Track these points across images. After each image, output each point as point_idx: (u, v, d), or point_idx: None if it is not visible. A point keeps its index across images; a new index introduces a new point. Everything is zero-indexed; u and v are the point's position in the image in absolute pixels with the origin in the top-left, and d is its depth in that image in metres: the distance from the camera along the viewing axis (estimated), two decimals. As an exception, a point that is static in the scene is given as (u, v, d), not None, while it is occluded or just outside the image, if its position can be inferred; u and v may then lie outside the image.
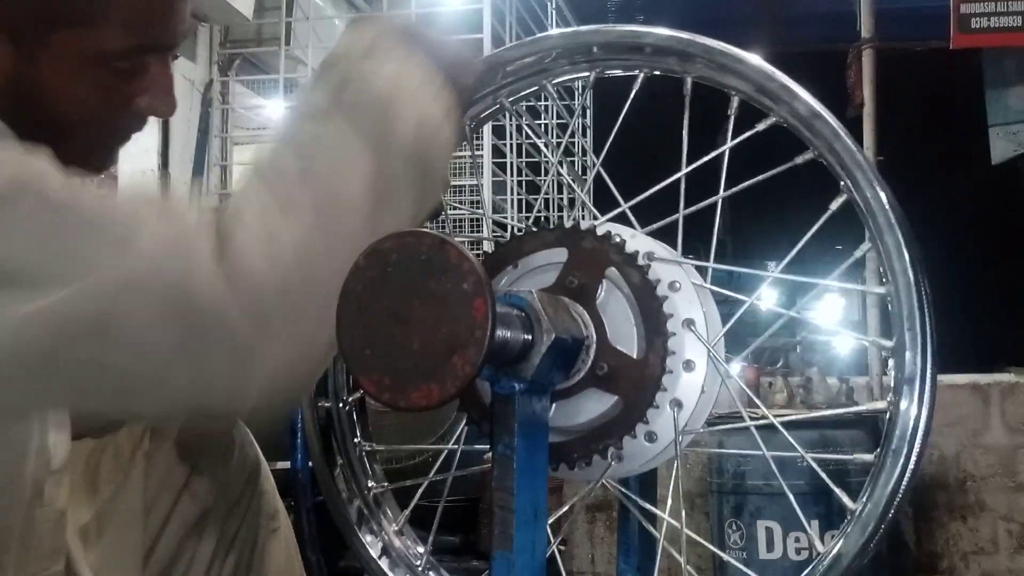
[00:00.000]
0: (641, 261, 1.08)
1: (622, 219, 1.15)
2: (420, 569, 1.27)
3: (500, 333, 0.87)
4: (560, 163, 4.65)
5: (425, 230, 0.86)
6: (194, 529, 1.31)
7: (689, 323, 1.08)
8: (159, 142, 3.87)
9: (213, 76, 4.16)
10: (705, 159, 1.15)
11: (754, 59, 1.10)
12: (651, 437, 1.08)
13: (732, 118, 1.12)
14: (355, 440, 1.32)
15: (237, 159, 4.31)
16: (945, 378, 3.89)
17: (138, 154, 3.88)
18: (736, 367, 1.24)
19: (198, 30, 4.04)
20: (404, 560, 1.28)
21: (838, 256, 1.14)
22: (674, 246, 1.14)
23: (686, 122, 1.13)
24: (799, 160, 1.08)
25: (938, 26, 4.34)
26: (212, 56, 4.18)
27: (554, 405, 1.04)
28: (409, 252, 0.84)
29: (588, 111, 5.22)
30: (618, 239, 1.09)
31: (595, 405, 1.07)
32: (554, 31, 1.17)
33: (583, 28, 1.21)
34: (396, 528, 1.29)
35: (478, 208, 4.25)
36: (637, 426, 1.07)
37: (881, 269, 1.04)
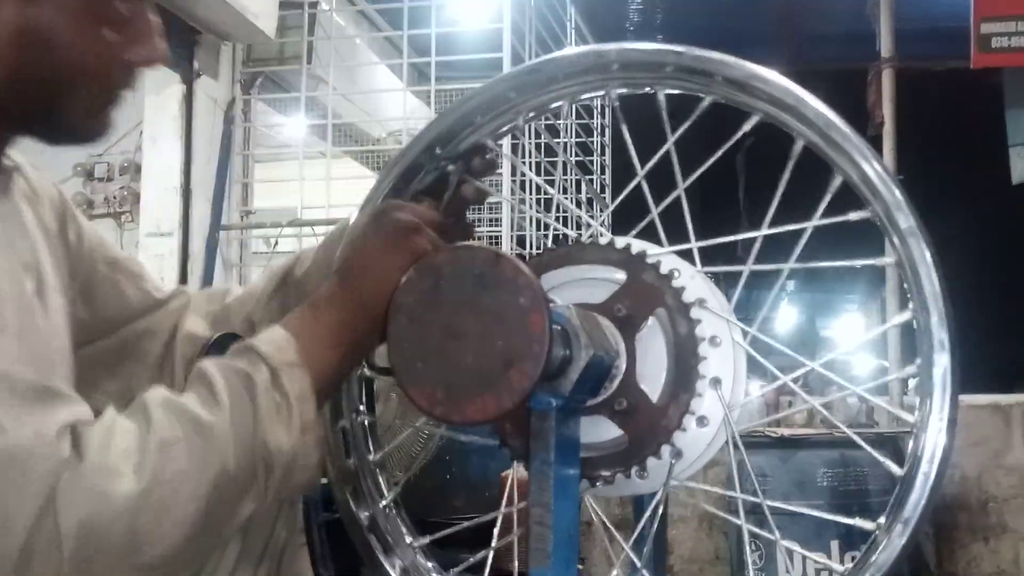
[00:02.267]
0: (694, 313, 1.07)
1: (649, 232, 1.13)
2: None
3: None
4: (580, 182, 4.66)
5: (478, 244, 0.86)
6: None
7: (716, 383, 1.06)
8: (182, 160, 3.89)
9: (235, 94, 4.18)
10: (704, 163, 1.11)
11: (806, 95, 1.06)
12: (642, 475, 1.07)
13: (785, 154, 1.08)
14: (370, 457, 1.29)
15: (259, 176, 4.32)
16: (966, 398, 3.86)
17: (162, 171, 3.91)
18: (755, 386, 1.23)
19: (221, 49, 4.05)
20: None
21: (858, 275, 1.13)
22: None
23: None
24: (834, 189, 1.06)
25: (958, 45, 4.33)
26: (234, 75, 4.20)
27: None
28: (462, 265, 0.86)
29: (607, 129, 5.20)
30: (677, 278, 1.07)
31: (600, 434, 1.07)
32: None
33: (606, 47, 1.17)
34: (417, 545, 1.26)
35: (496, 225, 4.26)
36: (633, 467, 1.06)
37: (905, 286, 1.03)
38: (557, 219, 4.93)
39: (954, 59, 4.58)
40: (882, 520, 1.01)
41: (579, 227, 5.23)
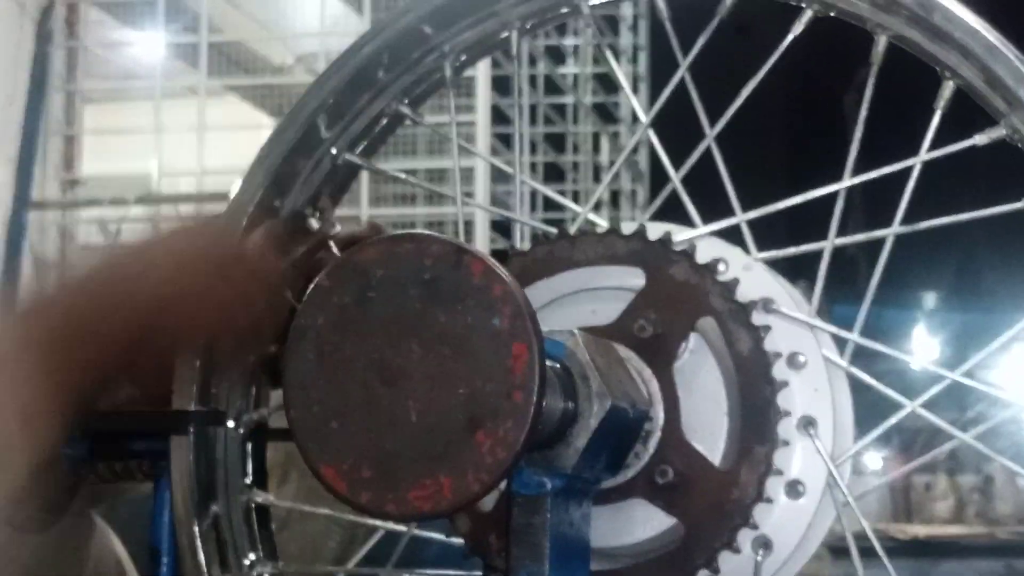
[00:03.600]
0: (757, 318, 1.05)
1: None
2: None
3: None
4: (598, 135, 4.64)
5: (429, 232, 0.83)
6: None
7: (809, 424, 1.05)
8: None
9: (55, -6, 4.13)
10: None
11: None
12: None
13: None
14: (250, 560, 1.27)
15: (91, 125, 4.27)
16: None
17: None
18: (876, 459, 1.21)
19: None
20: None
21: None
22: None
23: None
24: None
25: None
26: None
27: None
28: (404, 267, 0.84)
29: (640, 54, 5.19)
30: (724, 268, 1.06)
31: (639, 526, 1.05)
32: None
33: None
34: None
35: (470, 199, 4.24)
36: (697, 572, 1.04)
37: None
38: (562, 194, 4.89)
39: None
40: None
41: (598, 207, 5.18)
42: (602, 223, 1.15)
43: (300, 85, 4.30)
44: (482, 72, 4.59)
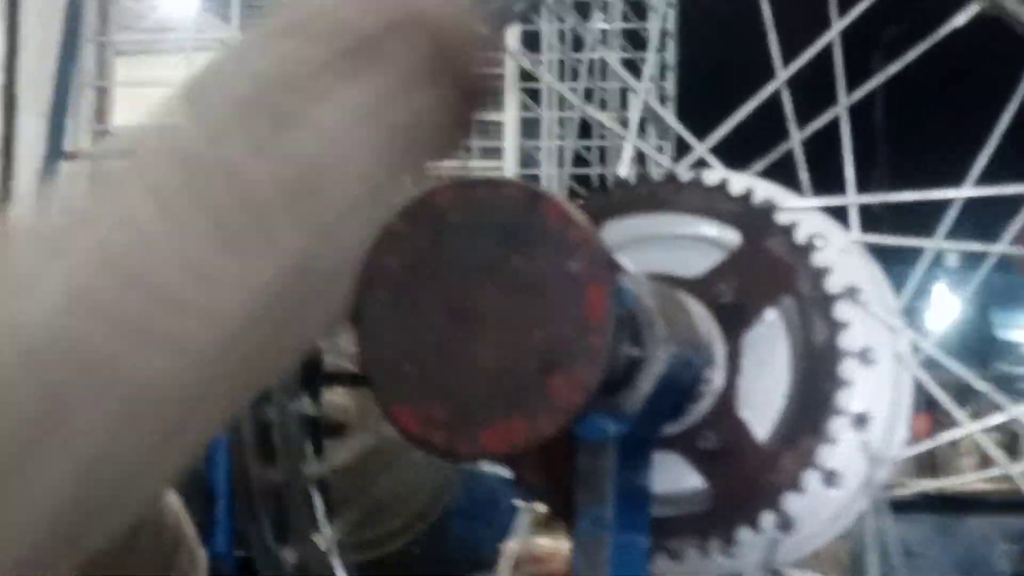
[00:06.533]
0: (840, 313, 1.04)
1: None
2: None
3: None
4: (626, 92, 4.61)
5: (505, 177, 0.83)
6: None
7: (860, 422, 1.05)
8: (4, 48, 3.84)
9: (87, -54, 4.13)
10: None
11: None
12: (727, 551, 1.06)
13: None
14: (316, 518, 1.31)
15: (123, 76, 4.27)
16: None
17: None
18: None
19: None
20: None
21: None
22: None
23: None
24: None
25: None
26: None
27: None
28: (479, 211, 0.83)
29: (671, 10, 5.17)
30: (820, 250, 1.06)
31: (669, 481, 1.06)
32: None
33: None
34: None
35: (496, 158, 4.24)
36: (714, 538, 1.05)
37: None
38: (587, 150, 4.89)
39: None
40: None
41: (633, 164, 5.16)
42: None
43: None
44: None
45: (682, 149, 1.34)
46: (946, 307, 11.93)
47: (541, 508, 1.11)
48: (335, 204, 0.80)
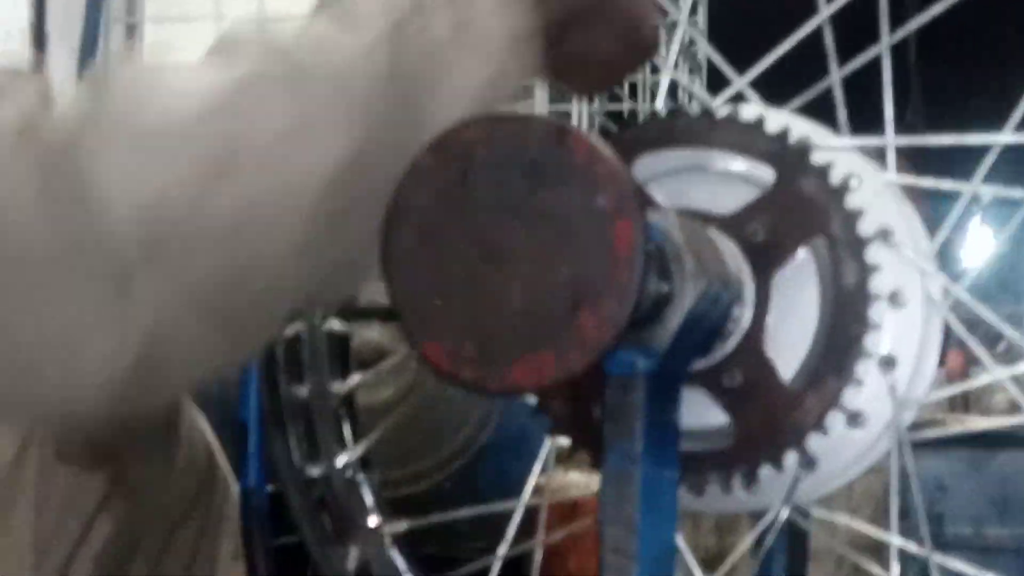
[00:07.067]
0: (871, 255, 1.03)
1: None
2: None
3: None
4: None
5: (530, 113, 0.83)
6: (115, 562, 1.34)
7: (888, 364, 1.04)
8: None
9: None
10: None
11: None
12: (749, 487, 1.06)
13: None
14: (342, 449, 1.32)
15: (152, 12, 4.25)
16: None
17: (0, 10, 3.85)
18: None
19: None
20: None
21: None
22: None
23: None
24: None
25: None
26: None
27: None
28: (506, 146, 0.83)
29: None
30: (854, 192, 1.04)
31: (692, 416, 1.05)
32: None
33: None
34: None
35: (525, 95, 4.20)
36: (736, 475, 1.05)
37: None
38: (619, 85, 4.86)
39: None
40: None
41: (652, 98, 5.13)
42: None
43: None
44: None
45: (712, 85, 1.33)
46: (981, 243, 11.81)
47: (567, 441, 1.11)
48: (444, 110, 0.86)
